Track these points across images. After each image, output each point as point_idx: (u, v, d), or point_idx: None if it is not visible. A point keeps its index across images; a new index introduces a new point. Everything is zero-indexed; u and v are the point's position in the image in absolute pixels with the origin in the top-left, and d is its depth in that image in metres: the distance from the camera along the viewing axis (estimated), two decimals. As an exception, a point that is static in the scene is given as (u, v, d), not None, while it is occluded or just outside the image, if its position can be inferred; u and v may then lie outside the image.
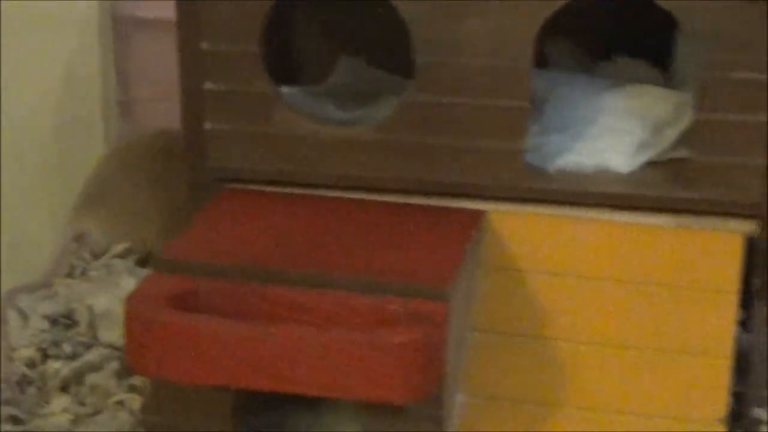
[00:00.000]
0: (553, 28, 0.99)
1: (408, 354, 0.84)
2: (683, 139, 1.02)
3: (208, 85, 1.02)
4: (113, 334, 1.09)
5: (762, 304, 1.00)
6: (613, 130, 1.04)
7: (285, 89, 1.08)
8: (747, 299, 1.00)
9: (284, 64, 1.15)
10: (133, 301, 0.88)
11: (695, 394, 0.93)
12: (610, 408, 0.94)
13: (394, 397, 0.85)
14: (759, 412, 1.00)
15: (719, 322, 0.95)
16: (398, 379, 0.84)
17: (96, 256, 1.22)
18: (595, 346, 0.95)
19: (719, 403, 0.93)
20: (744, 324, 1.02)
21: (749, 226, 0.99)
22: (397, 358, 0.84)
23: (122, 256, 1.21)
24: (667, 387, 0.94)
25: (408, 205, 1.02)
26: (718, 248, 0.98)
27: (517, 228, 1.00)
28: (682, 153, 1.01)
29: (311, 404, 0.96)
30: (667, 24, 0.98)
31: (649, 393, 0.94)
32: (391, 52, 1.08)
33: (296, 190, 1.03)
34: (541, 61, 1.09)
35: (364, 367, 0.84)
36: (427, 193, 1.01)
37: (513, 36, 0.97)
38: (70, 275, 1.21)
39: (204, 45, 1.01)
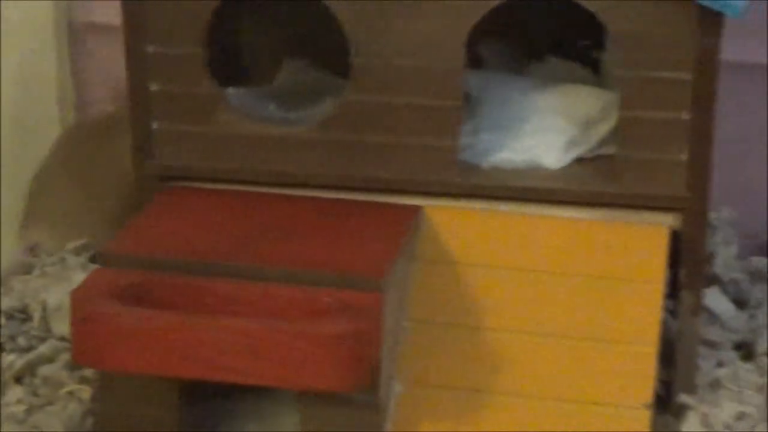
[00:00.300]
0: (487, 30, 1.01)
1: (341, 344, 0.86)
2: (611, 137, 1.04)
3: (155, 87, 1.04)
4: (66, 327, 1.09)
5: (687, 294, 1.02)
6: (544, 128, 1.06)
7: (230, 90, 1.10)
8: (675, 289, 1.03)
9: (230, 66, 1.16)
10: (77, 295, 0.90)
11: (623, 381, 0.95)
12: (540, 395, 0.95)
13: (328, 387, 0.87)
14: (685, 398, 1.02)
15: (646, 312, 0.97)
16: (332, 369, 0.86)
17: (50, 255, 1.24)
18: (526, 336, 0.97)
19: (646, 389, 0.95)
20: (674, 313, 1.05)
21: (674, 219, 1.01)
22: (330, 348, 0.86)
23: (76, 252, 1.23)
24: (596, 374, 0.95)
25: (345, 201, 1.03)
26: (644, 240, 1.00)
27: (451, 222, 1.01)
28: (610, 150, 1.04)
29: (254, 392, 0.98)
30: (597, 25, 1.00)
31: (578, 380, 0.95)
32: (335, 54, 1.08)
33: (239, 188, 1.05)
34: (475, 62, 1.11)
35: (299, 358, 0.86)
36: (363, 190, 1.03)
37: (445, 37, 0.99)
38: (27, 273, 1.23)
39: (150, 48, 1.03)
